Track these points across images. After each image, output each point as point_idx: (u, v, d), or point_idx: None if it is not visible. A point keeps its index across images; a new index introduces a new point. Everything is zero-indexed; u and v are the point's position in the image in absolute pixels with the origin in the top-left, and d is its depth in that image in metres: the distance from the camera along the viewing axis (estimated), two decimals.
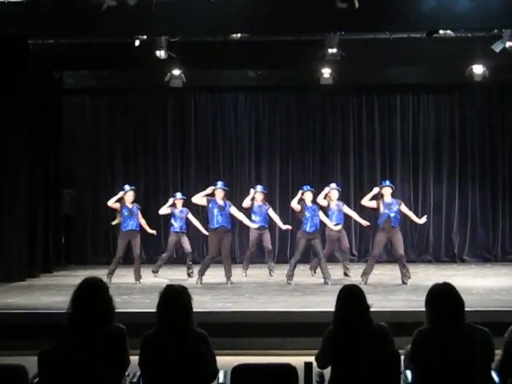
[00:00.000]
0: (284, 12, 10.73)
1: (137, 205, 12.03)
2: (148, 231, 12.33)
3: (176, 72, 13.35)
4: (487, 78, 13.39)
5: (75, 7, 10.53)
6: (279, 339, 8.23)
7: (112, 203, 12.06)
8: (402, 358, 4.70)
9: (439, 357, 4.32)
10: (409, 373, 4.64)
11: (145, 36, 11.89)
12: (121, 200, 11.95)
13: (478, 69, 13.26)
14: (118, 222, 12.06)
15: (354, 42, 12.27)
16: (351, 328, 4.58)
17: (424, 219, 12.28)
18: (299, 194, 11.78)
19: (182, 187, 14.60)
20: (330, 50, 11.94)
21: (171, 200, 12.67)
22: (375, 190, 11.72)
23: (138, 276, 11.84)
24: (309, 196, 11.63)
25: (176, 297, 4.38)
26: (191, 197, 12.00)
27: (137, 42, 11.93)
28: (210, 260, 11.57)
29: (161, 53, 11.89)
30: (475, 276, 12.67)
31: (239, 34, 12.08)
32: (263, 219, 12.53)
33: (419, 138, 15.61)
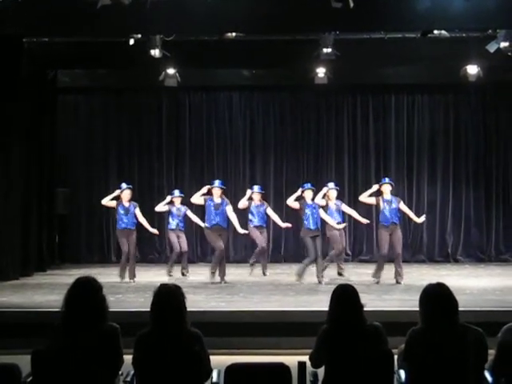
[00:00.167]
0: (279, 11, 10.70)
1: (134, 203, 12.01)
2: (150, 230, 12.29)
3: (171, 71, 13.33)
4: (481, 79, 13.42)
5: (70, 6, 10.47)
6: (273, 338, 8.22)
7: (107, 201, 12.06)
8: (396, 358, 4.70)
9: (433, 356, 4.32)
10: (402, 372, 4.64)
11: (139, 35, 11.86)
12: (118, 198, 11.95)
13: (473, 69, 13.29)
14: None
15: (349, 42, 12.27)
16: (345, 327, 4.59)
17: (423, 218, 12.29)
18: (299, 192, 11.82)
19: (177, 186, 14.56)
20: (325, 50, 11.94)
21: (169, 198, 12.63)
22: (374, 187, 11.74)
23: (133, 275, 11.84)
24: (309, 194, 11.67)
25: (170, 296, 4.38)
26: (187, 195, 11.96)
27: (131, 41, 11.91)
28: (221, 252, 11.47)
29: (155, 52, 11.86)
30: (469, 276, 12.69)
31: (234, 34, 12.07)
32: (261, 219, 12.50)
33: (414, 138, 15.63)
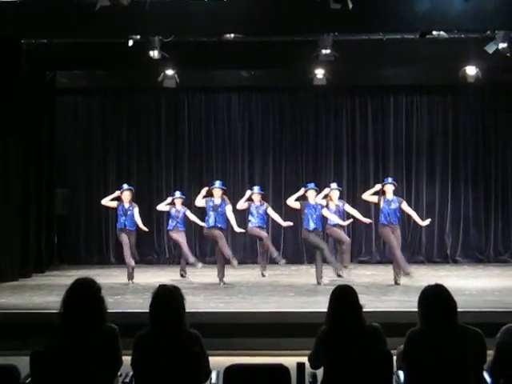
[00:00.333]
0: (277, 13, 10.72)
1: (133, 204, 12.00)
2: (141, 227, 12.20)
3: (169, 72, 13.31)
4: (480, 80, 13.42)
5: (68, 7, 10.48)
6: (272, 339, 8.23)
7: (106, 202, 12.06)
8: (395, 359, 4.70)
9: (432, 357, 4.32)
10: (401, 373, 4.65)
11: (138, 36, 11.86)
12: (118, 199, 11.96)
13: (471, 70, 13.28)
14: None
15: (348, 43, 12.27)
16: (344, 328, 4.59)
17: (427, 222, 12.15)
18: (301, 192, 11.82)
19: (175, 187, 14.56)
20: (324, 51, 11.92)
21: (170, 199, 12.62)
22: (377, 187, 11.74)
23: (131, 276, 11.82)
24: (312, 194, 11.68)
25: (169, 297, 4.38)
26: (187, 196, 11.95)
27: (130, 42, 11.90)
28: (224, 255, 11.50)
29: (154, 53, 11.85)
30: (468, 277, 12.68)
31: (233, 35, 12.07)
32: (261, 220, 12.46)
33: (412, 139, 15.62)
